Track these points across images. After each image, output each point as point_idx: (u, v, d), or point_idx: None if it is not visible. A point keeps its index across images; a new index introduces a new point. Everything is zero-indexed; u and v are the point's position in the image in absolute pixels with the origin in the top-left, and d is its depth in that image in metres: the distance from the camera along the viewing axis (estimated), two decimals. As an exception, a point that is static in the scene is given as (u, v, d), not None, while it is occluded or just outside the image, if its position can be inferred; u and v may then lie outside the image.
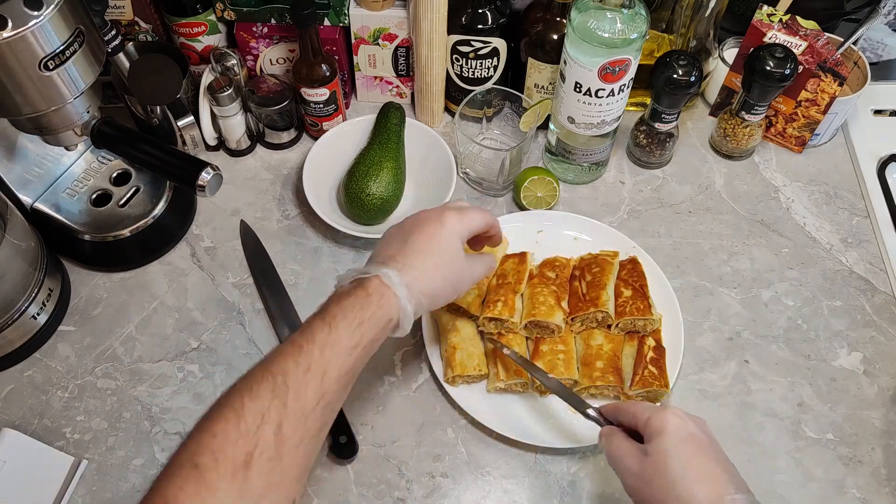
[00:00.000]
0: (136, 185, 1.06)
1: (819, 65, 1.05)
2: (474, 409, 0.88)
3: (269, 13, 1.08)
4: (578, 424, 0.86)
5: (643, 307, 0.92)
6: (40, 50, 0.72)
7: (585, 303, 0.93)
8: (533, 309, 0.91)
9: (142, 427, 0.90)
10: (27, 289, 0.92)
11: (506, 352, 0.87)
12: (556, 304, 0.92)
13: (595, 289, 0.93)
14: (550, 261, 0.98)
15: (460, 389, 0.91)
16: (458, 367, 0.88)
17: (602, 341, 0.92)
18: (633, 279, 0.96)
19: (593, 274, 0.96)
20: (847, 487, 0.86)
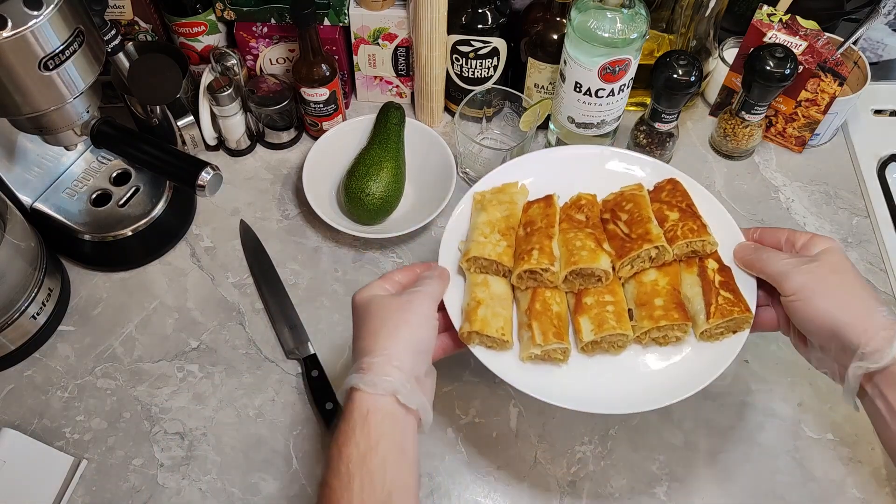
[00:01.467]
0: (135, 185, 1.06)
1: (819, 65, 1.05)
2: (514, 378, 0.75)
3: (268, 13, 1.08)
4: (637, 382, 0.78)
5: (697, 227, 0.79)
6: (40, 50, 0.72)
7: (633, 241, 0.79)
8: (572, 256, 0.78)
9: (141, 427, 0.90)
10: (27, 289, 0.91)
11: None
12: (598, 246, 0.79)
13: (639, 224, 0.80)
14: (574, 201, 0.85)
15: (492, 356, 0.77)
16: (477, 323, 0.75)
17: (656, 276, 0.80)
18: (677, 199, 0.83)
19: (628, 211, 0.82)
20: (847, 487, 0.86)
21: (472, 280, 0.80)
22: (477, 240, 0.79)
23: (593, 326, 0.76)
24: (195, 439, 0.89)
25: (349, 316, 0.98)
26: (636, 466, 0.87)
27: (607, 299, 0.78)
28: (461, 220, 0.86)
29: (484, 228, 0.81)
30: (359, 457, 0.61)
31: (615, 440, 0.89)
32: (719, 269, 0.79)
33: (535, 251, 0.77)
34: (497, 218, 0.82)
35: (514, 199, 0.84)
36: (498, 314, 0.76)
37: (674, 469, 0.87)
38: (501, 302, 0.78)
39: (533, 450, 0.88)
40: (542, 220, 0.82)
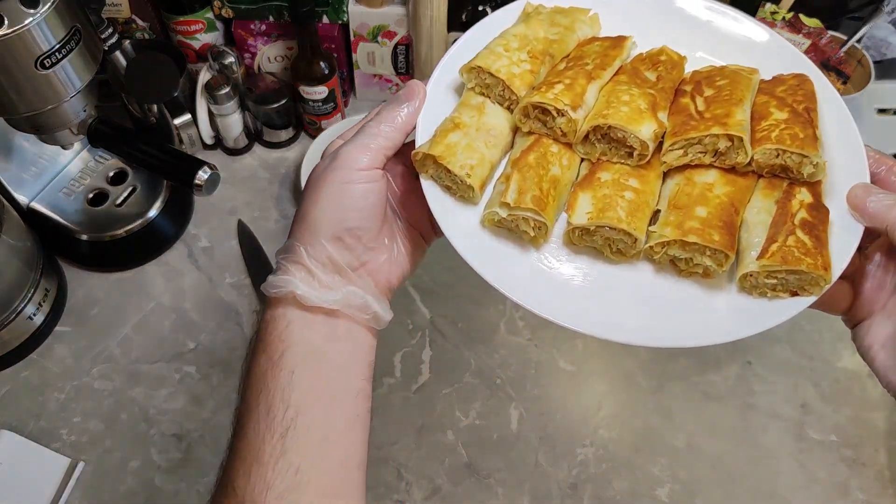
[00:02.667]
0: (132, 185, 1.05)
1: (822, 63, 1.04)
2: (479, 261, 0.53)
3: (267, 10, 1.07)
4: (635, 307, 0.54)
5: (805, 136, 0.54)
6: (36, 48, 0.71)
7: (703, 121, 0.55)
8: (607, 108, 0.56)
9: (139, 429, 0.89)
10: (23, 289, 0.91)
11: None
12: (649, 109, 0.56)
13: (722, 104, 0.56)
14: (652, 55, 0.61)
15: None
16: (440, 147, 0.54)
17: (714, 179, 0.55)
18: (797, 99, 0.57)
19: (717, 87, 0.58)
20: (851, 489, 0.85)
21: (464, 99, 0.58)
22: (493, 49, 0.58)
23: (592, 209, 0.54)
24: (193, 441, 0.88)
25: (348, 316, 0.98)
26: (638, 468, 0.87)
27: (630, 184, 0.55)
28: (490, 30, 0.61)
29: (511, 40, 0.59)
30: (260, 374, 0.52)
31: (616, 442, 0.88)
32: (811, 204, 0.54)
33: (559, 85, 0.56)
34: (538, 36, 0.60)
35: (575, 26, 0.62)
36: (475, 149, 0.55)
37: (676, 471, 0.86)
38: (489, 137, 0.57)
39: (534, 452, 0.88)
40: (596, 59, 0.59)
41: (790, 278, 0.52)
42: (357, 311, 0.54)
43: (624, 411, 0.91)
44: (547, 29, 0.61)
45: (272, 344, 0.53)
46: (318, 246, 0.53)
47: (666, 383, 0.93)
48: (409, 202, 0.60)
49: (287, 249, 0.55)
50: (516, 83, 0.57)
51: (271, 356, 0.52)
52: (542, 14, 0.62)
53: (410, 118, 0.56)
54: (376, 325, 0.56)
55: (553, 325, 0.51)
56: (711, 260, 0.53)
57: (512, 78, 0.57)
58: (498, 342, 0.96)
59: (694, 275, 0.54)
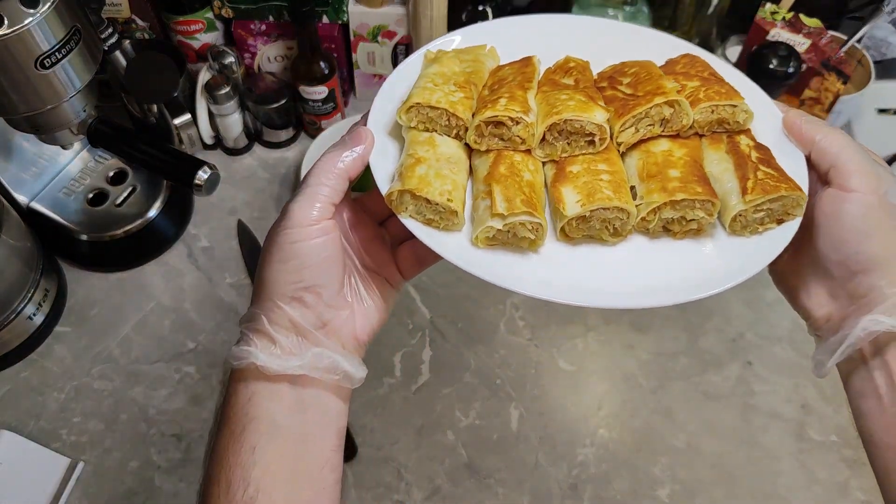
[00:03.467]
0: (132, 185, 1.05)
1: (823, 63, 1.04)
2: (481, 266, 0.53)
3: (267, 10, 1.07)
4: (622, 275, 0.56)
5: (727, 90, 0.60)
6: (36, 48, 0.71)
7: (640, 98, 0.59)
8: (553, 108, 0.58)
9: (139, 429, 0.89)
10: (23, 289, 0.91)
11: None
12: (591, 101, 0.59)
13: (647, 83, 0.60)
14: (560, 65, 0.65)
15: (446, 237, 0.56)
16: (413, 180, 0.54)
17: (670, 146, 0.60)
18: (696, 70, 0.63)
19: (632, 74, 0.63)
20: (851, 490, 0.85)
21: (412, 139, 0.58)
22: (423, 86, 0.59)
23: (581, 197, 0.55)
24: (193, 441, 0.88)
25: (348, 316, 0.98)
26: (638, 469, 0.87)
27: (601, 168, 0.58)
28: (410, 73, 0.64)
29: (434, 78, 0.60)
30: (222, 449, 0.50)
31: (616, 442, 0.88)
32: (755, 145, 0.59)
33: (502, 99, 0.58)
34: (455, 70, 0.62)
35: (480, 59, 0.65)
36: (445, 176, 0.56)
37: (676, 471, 0.86)
38: (451, 164, 0.57)
39: (534, 452, 0.87)
40: (517, 77, 0.62)
41: (774, 206, 0.55)
42: (325, 373, 0.52)
43: (624, 411, 0.91)
44: (458, 64, 0.63)
45: (234, 418, 0.51)
46: (276, 310, 0.51)
47: (666, 383, 0.93)
48: (369, 249, 0.58)
49: (248, 318, 0.52)
50: (459, 109, 0.58)
51: (233, 430, 0.50)
52: (447, 54, 0.65)
53: (355, 163, 0.54)
54: (348, 384, 0.53)
55: (553, 325, 0.51)
56: (702, 211, 0.56)
57: (453, 106, 0.58)
58: (498, 342, 0.96)
59: (689, 233, 0.57)
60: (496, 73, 0.64)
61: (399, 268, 0.60)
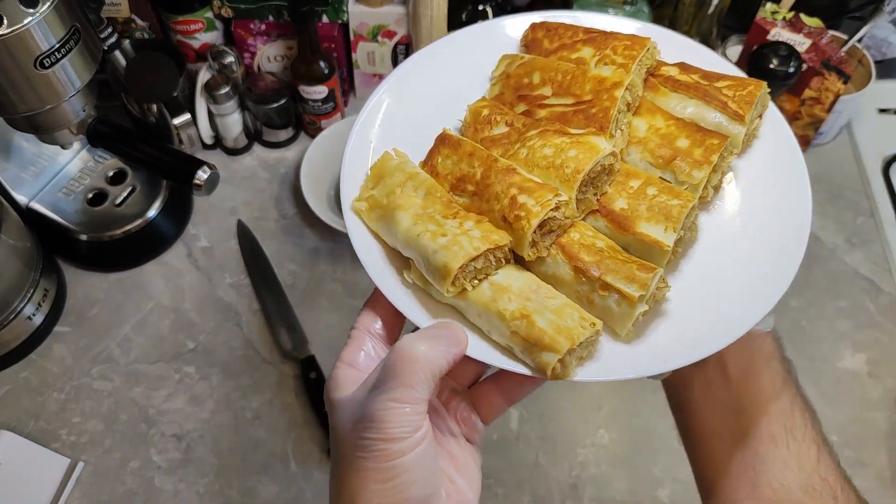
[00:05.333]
0: (132, 185, 1.05)
1: (823, 63, 1.04)
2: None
3: (266, 10, 1.07)
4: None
5: (630, 42, 0.58)
6: (36, 48, 0.71)
7: (590, 102, 0.55)
8: (560, 170, 0.52)
9: (138, 429, 0.89)
10: (23, 289, 0.91)
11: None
12: (568, 135, 0.54)
13: (573, 81, 0.57)
14: (472, 119, 0.58)
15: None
16: (561, 339, 0.47)
17: (647, 123, 0.57)
18: (567, 36, 0.60)
19: (550, 80, 0.58)
20: (851, 490, 0.85)
21: (477, 301, 0.50)
22: (436, 249, 0.49)
23: (666, 224, 0.51)
24: (192, 441, 0.88)
25: (349, 317, 0.98)
26: (638, 469, 0.87)
27: (633, 185, 0.53)
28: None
29: (423, 230, 0.50)
30: None
31: (616, 442, 0.88)
32: (685, 68, 0.59)
33: (520, 196, 0.50)
34: (422, 206, 0.52)
35: (406, 169, 0.55)
36: (559, 308, 0.49)
37: (676, 471, 0.86)
38: (542, 291, 0.50)
39: (534, 452, 0.87)
40: (472, 164, 0.53)
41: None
42: None
43: (624, 411, 0.91)
44: (410, 196, 0.54)
45: None
46: None
47: (666, 383, 0.93)
48: (451, 413, 0.51)
49: None
50: (494, 236, 0.50)
51: None
52: (378, 198, 0.54)
53: (450, 365, 0.45)
54: None
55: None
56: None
57: (487, 237, 0.50)
58: (498, 342, 0.96)
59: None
60: (437, 173, 0.55)
61: (480, 413, 0.52)
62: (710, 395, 0.57)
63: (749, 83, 0.57)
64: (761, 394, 0.57)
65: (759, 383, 0.57)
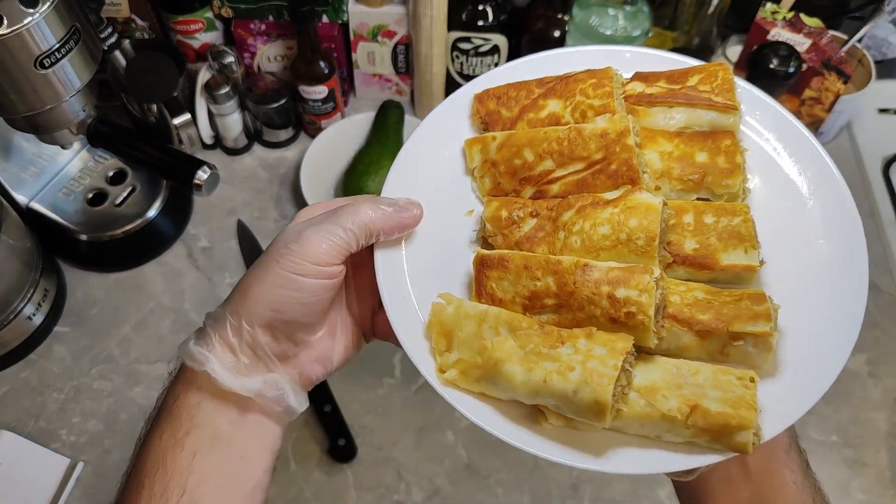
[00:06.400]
0: (132, 185, 1.05)
1: (823, 62, 1.04)
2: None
3: (266, 10, 1.07)
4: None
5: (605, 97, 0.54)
6: (36, 48, 0.71)
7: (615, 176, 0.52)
8: (620, 237, 0.49)
9: (138, 429, 0.88)
10: (23, 289, 0.91)
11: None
12: (616, 202, 0.51)
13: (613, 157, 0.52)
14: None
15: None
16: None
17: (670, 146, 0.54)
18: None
19: (558, 152, 0.53)
20: (852, 490, 0.85)
21: (636, 416, 0.47)
22: (574, 388, 0.45)
23: (743, 245, 0.50)
24: (192, 441, 0.88)
25: (348, 316, 0.98)
26: (638, 469, 0.87)
27: (688, 221, 0.52)
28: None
29: (545, 373, 0.46)
30: (161, 450, 0.49)
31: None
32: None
33: (617, 292, 0.47)
34: (520, 346, 0.48)
35: (470, 312, 0.50)
36: (714, 381, 0.47)
37: (676, 472, 0.86)
38: (683, 371, 0.48)
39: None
40: (536, 277, 0.49)
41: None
42: (270, 403, 0.50)
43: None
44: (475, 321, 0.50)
45: (178, 420, 0.50)
46: (247, 328, 0.49)
47: (666, 383, 0.93)
48: (360, 298, 0.56)
49: (216, 318, 0.51)
50: (626, 349, 0.47)
51: (175, 432, 0.49)
52: (462, 319, 0.50)
53: (389, 224, 0.51)
54: (288, 417, 0.52)
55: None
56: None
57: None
58: (498, 342, 0.96)
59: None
60: (506, 271, 0.50)
61: (375, 327, 0.57)
62: (729, 489, 0.54)
63: (716, 70, 0.55)
64: (785, 488, 0.54)
65: (782, 478, 0.54)
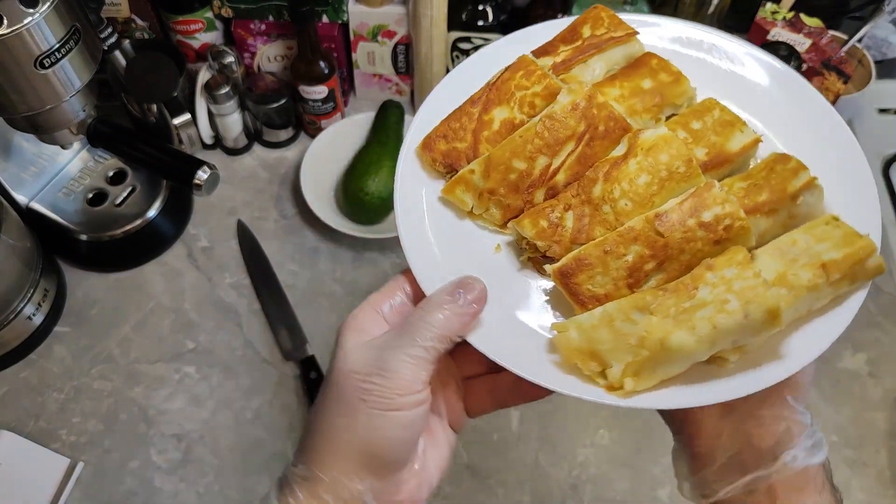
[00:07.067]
0: (132, 185, 1.05)
1: (823, 63, 1.04)
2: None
3: (266, 10, 1.07)
4: None
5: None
6: (36, 48, 0.71)
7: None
8: (660, 175, 0.49)
9: (138, 429, 0.89)
10: (23, 289, 0.91)
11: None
12: (634, 149, 0.50)
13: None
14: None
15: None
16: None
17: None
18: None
19: (538, 147, 0.51)
20: (852, 490, 0.85)
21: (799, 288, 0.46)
22: (737, 319, 0.44)
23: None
24: (192, 442, 0.88)
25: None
26: (639, 469, 0.87)
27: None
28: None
29: (709, 319, 0.44)
30: None
31: (617, 442, 0.88)
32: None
33: (704, 215, 0.47)
34: (665, 315, 0.46)
35: (598, 315, 0.47)
36: (813, 231, 0.48)
37: (676, 472, 0.86)
38: (783, 244, 0.48)
39: (534, 452, 0.87)
40: (620, 256, 0.48)
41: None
42: None
43: (624, 411, 0.91)
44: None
45: None
46: (343, 480, 0.44)
47: (666, 383, 0.93)
48: (443, 394, 0.51)
49: (304, 476, 0.45)
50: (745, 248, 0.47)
51: None
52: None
53: (469, 326, 0.46)
54: None
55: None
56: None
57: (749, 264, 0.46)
58: (498, 342, 0.95)
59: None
60: (589, 268, 0.48)
61: (467, 405, 0.52)
62: None
63: (597, 13, 0.57)
64: None
65: None
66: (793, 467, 0.48)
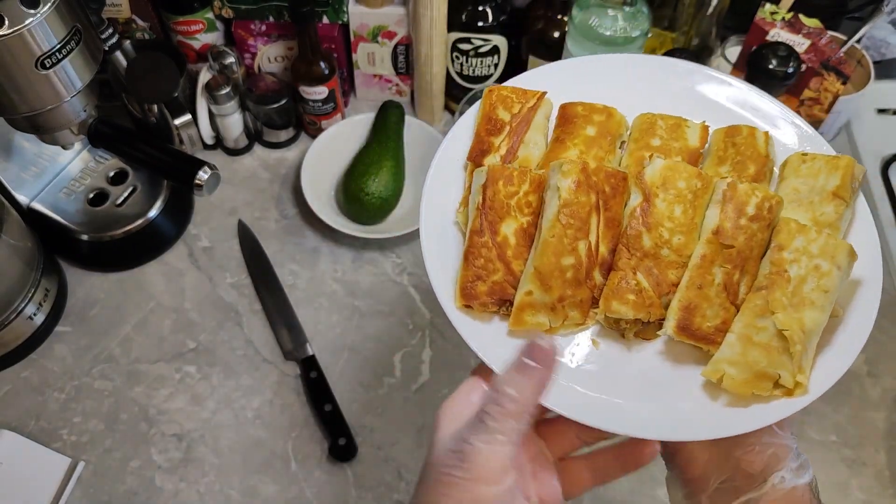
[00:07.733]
0: (133, 185, 1.05)
1: (822, 63, 1.04)
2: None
3: (267, 11, 1.07)
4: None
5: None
6: (37, 48, 0.71)
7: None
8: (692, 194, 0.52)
9: (139, 429, 0.89)
10: (24, 289, 0.91)
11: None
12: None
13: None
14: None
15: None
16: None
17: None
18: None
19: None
20: (851, 490, 0.85)
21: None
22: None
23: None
24: (193, 441, 0.88)
25: (348, 317, 0.98)
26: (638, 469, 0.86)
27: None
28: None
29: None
30: None
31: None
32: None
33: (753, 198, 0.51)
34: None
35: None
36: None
37: (676, 471, 0.86)
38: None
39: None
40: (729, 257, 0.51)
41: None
42: None
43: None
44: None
45: None
46: None
47: (666, 383, 0.93)
48: (537, 475, 0.51)
49: None
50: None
51: None
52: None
53: (541, 388, 0.44)
54: None
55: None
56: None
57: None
58: (498, 342, 0.96)
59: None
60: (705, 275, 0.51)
61: (565, 488, 0.52)
62: None
63: (496, 93, 0.59)
64: None
65: None
66: (781, 488, 0.51)
